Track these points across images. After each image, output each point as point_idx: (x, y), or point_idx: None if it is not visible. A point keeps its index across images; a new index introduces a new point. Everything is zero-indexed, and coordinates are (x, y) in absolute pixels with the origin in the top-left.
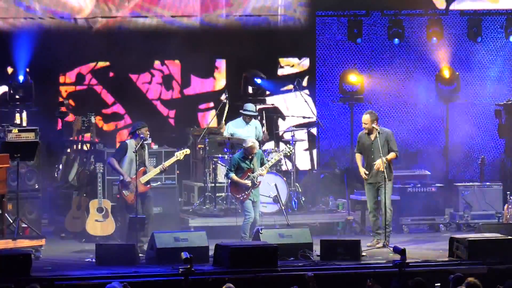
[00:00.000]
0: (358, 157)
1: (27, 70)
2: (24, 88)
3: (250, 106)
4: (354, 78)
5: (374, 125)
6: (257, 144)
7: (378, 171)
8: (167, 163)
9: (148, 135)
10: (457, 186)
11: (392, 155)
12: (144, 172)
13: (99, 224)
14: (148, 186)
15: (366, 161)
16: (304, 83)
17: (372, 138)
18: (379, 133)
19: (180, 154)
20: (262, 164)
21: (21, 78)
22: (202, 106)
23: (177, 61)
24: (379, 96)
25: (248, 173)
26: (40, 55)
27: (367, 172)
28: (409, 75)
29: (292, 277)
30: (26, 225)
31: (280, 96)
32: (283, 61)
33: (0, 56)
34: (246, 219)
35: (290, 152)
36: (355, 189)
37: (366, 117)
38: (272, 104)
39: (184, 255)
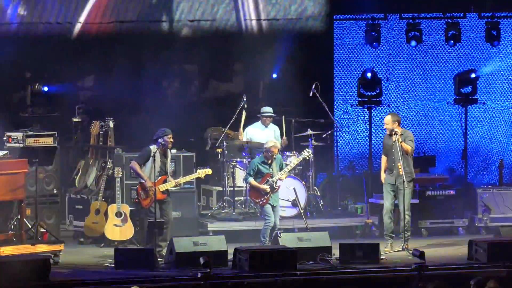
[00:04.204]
0: (383, 160)
1: (45, 75)
2: (43, 93)
3: (267, 108)
4: (372, 82)
5: (395, 127)
6: (278, 144)
7: (398, 174)
8: (185, 179)
9: (172, 143)
10: (476, 189)
11: (405, 145)
12: (165, 181)
13: (118, 228)
14: (165, 194)
15: (388, 162)
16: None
17: (393, 140)
18: (400, 134)
19: (201, 173)
20: (281, 169)
21: (45, 89)
22: (220, 110)
23: (195, 65)
24: (397, 99)
25: (268, 178)
26: (57, 60)
27: (385, 178)
28: (427, 78)
29: (311, 281)
30: (44, 230)
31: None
32: None
33: (19, 61)
34: (266, 224)
35: (309, 156)
36: (374, 192)
37: (387, 118)
38: (289, 107)
39: (203, 259)
